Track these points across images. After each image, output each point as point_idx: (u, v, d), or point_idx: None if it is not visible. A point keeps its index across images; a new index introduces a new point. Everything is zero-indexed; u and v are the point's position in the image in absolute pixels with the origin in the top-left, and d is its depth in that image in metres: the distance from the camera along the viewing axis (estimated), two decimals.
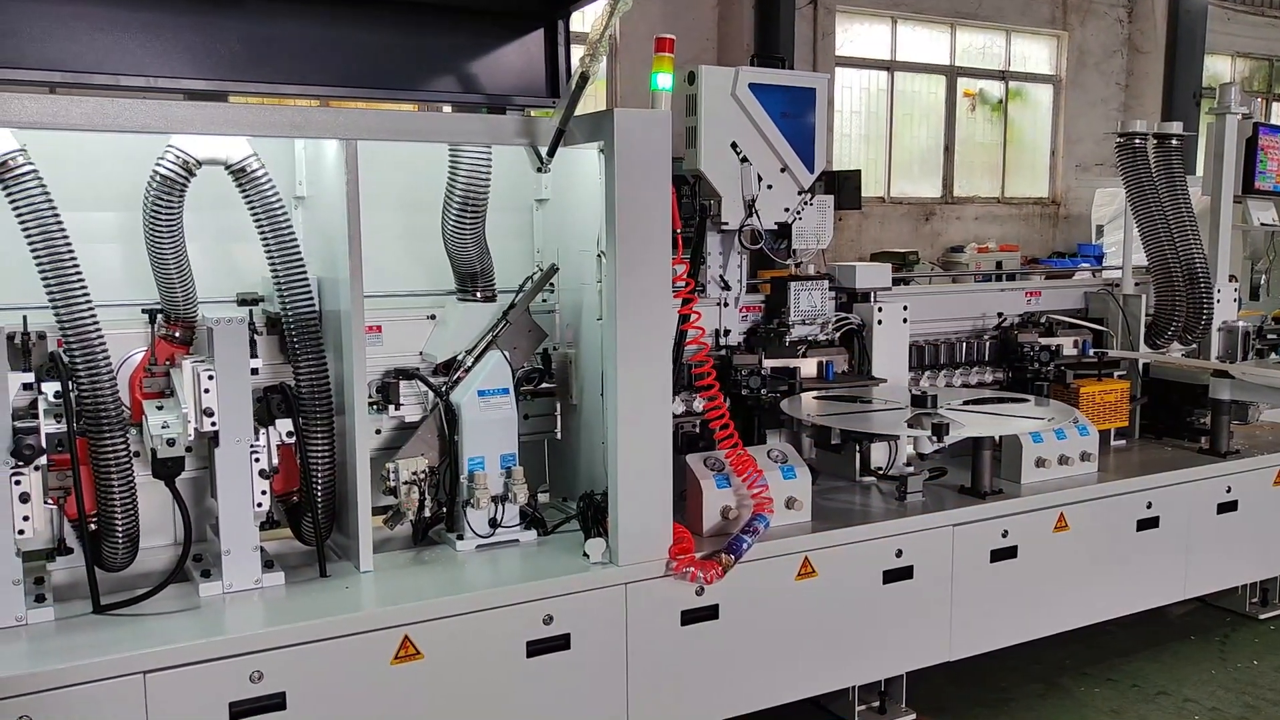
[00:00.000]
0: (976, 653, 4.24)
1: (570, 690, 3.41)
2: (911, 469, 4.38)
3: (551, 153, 3.47)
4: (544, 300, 4.09)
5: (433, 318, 3.95)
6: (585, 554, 3.51)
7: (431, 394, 3.75)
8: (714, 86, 4.11)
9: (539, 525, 3.81)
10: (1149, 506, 4.62)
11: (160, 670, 2.84)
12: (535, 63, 3.59)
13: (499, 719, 3.30)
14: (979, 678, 4.52)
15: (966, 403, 4.41)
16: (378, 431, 3.72)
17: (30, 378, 3.02)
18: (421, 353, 3.92)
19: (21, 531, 2.98)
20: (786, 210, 4.34)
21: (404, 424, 3.81)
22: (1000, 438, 4.38)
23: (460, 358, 3.81)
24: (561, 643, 3.38)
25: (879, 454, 4.47)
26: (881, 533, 3.97)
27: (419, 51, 3.45)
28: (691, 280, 3.72)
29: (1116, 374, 5.18)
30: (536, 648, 3.34)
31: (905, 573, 4.01)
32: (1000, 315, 5.20)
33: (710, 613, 3.63)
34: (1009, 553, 4.24)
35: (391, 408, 3.76)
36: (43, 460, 3.00)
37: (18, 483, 2.96)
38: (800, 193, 4.36)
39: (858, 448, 4.44)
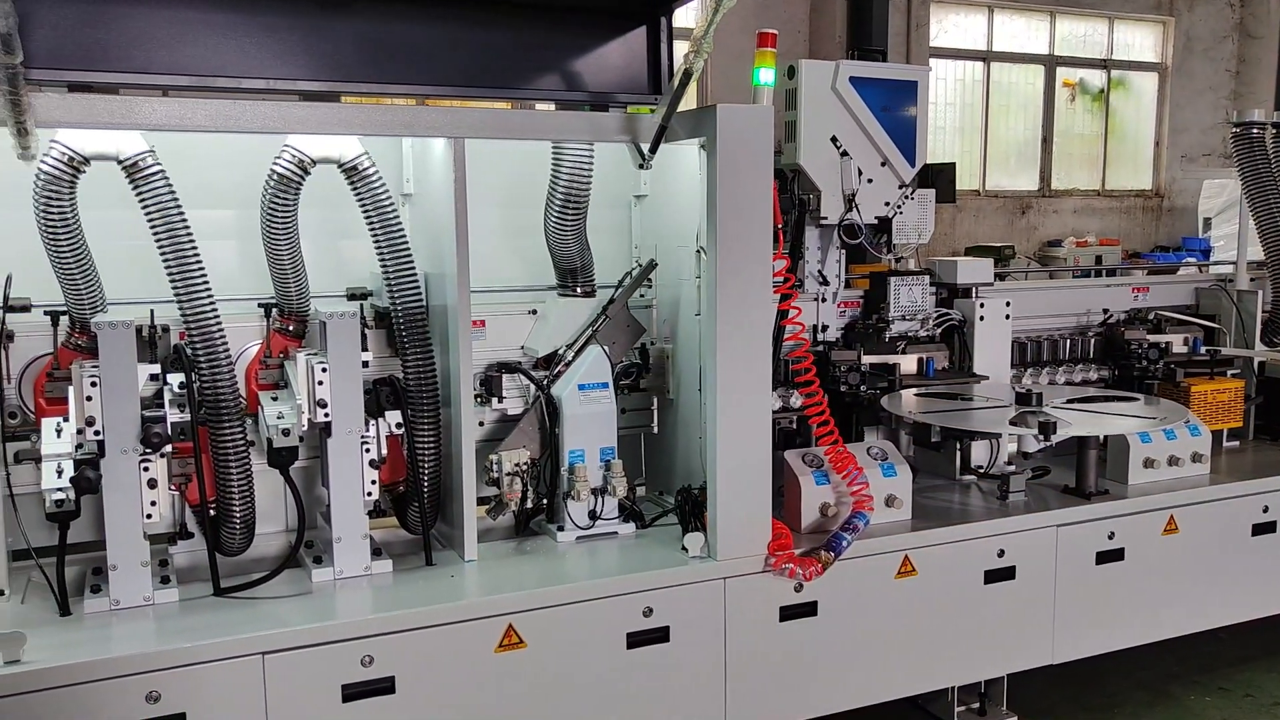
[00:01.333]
0: (1081, 656, 4.15)
1: (669, 682, 3.44)
2: (1013, 468, 4.30)
3: (654, 149, 3.49)
4: (641, 296, 4.12)
5: (533, 313, 4.01)
6: (684, 548, 3.53)
7: (533, 387, 3.81)
8: (814, 81, 4.08)
9: (637, 518, 3.85)
10: (1265, 510, 4.46)
11: (278, 652, 2.95)
12: (637, 60, 3.62)
13: (600, 708, 3.34)
14: (1083, 682, 4.43)
15: (1070, 401, 4.31)
16: (480, 424, 3.79)
17: (156, 369, 3.15)
18: (523, 347, 3.98)
19: (149, 515, 3.12)
20: (886, 204, 4.28)
21: (506, 416, 3.88)
22: (1105, 437, 4.28)
23: (561, 352, 3.86)
24: (661, 635, 3.41)
25: (979, 452, 4.41)
26: (983, 532, 3.90)
27: (523, 50, 3.50)
28: (792, 276, 3.71)
29: (1230, 373, 5.00)
30: (636, 639, 3.37)
31: (1007, 573, 3.94)
32: (1106, 311, 5.07)
33: (809, 609, 3.62)
34: (1115, 555, 4.14)
35: (494, 400, 3.83)
36: (168, 448, 3.13)
37: (146, 469, 3.09)
38: (900, 186, 4.30)
39: (958, 446, 4.38)
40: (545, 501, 3.78)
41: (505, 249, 4.05)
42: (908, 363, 4.40)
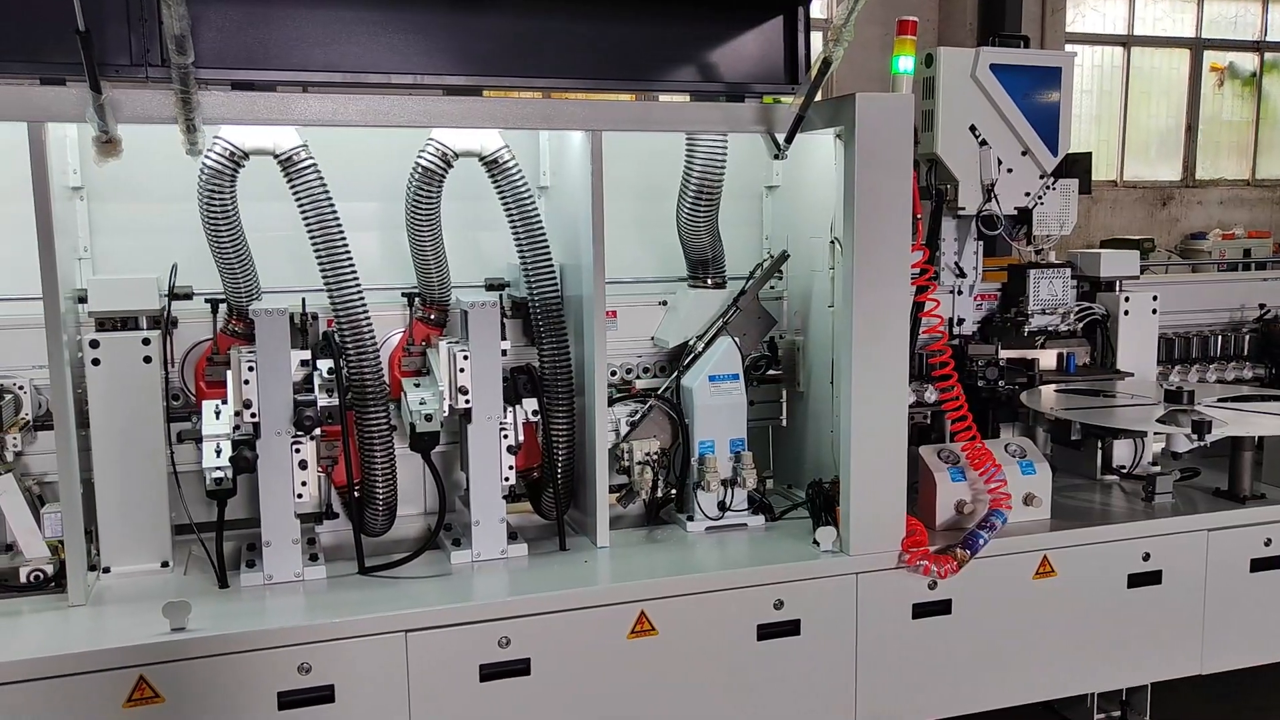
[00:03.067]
0: (1232, 668, 3.96)
1: (799, 675, 3.42)
2: (1159, 468, 4.13)
3: (790, 139, 3.47)
4: (772, 287, 4.10)
5: (664, 304, 4.04)
6: (815, 541, 3.50)
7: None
8: (953, 68, 3.99)
9: (766, 511, 3.83)
10: None
11: (420, 630, 3.04)
12: (774, 50, 3.59)
13: (730, 698, 3.35)
14: (1233, 694, 4.23)
15: (1223, 400, 4.11)
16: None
17: (307, 355, 3.29)
18: (653, 338, 4.01)
19: (300, 495, 3.26)
20: (1027, 195, 4.16)
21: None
22: (1260, 439, 4.07)
23: (691, 343, 3.88)
24: (792, 628, 3.39)
25: (1122, 451, 4.26)
26: (1127, 534, 3.76)
27: (659, 43, 3.51)
28: (930, 267, 3.64)
29: None
30: (767, 631, 3.37)
31: (1153, 577, 3.79)
32: (1262, 307, 4.81)
33: (943, 607, 3.55)
34: (1272, 563, 3.93)
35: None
36: (317, 431, 3.26)
37: (297, 451, 3.23)
38: (1041, 176, 4.17)
39: (1099, 444, 4.23)
40: (675, 491, 3.80)
41: (637, 240, 4.08)
42: (1047, 358, 4.28)
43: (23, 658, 2.76)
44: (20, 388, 3.32)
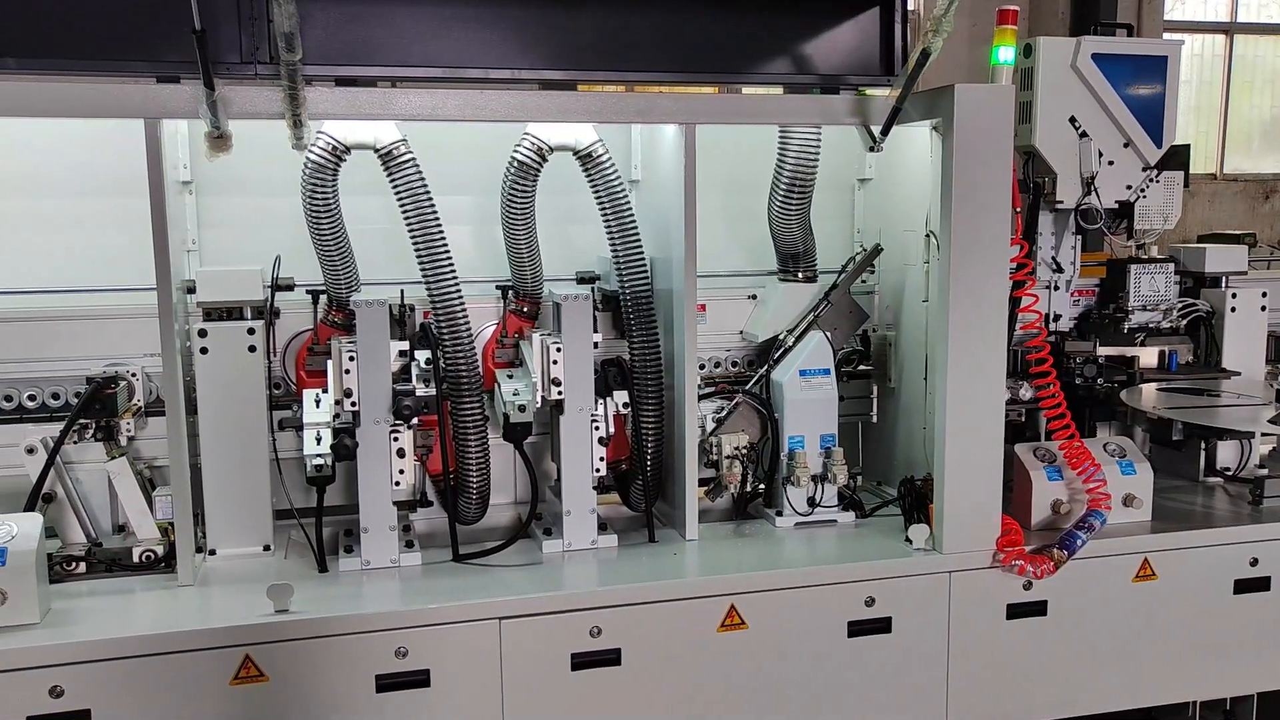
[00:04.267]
0: None
1: (890, 673, 3.39)
2: (1266, 471, 3.99)
3: (885, 131, 3.43)
4: (863, 281, 4.06)
5: (753, 298, 4.03)
6: (908, 539, 3.46)
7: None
8: (1053, 58, 3.89)
9: (856, 507, 3.80)
10: None
11: (513, 618, 3.08)
12: (869, 41, 3.55)
13: (820, 694, 3.33)
14: None
15: None
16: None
17: (405, 345, 3.35)
18: (742, 331, 4.00)
19: (397, 483, 3.33)
20: (1129, 188, 4.04)
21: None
22: None
23: (781, 337, 3.86)
24: (883, 625, 3.36)
25: (1227, 453, 4.13)
26: (1234, 538, 3.64)
27: (754, 35, 3.50)
28: (1029, 262, 3.56)
29: None
30: (858, 628, 3.34)
31: (1261, 584, 3.66)
32: None
33: (1038, 608, 3.49)
34: None
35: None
36: (415, 420, 3.32)
37: (395, 439, 3.30)
38: (1145, 169, 4.05)
39: (1202, 445, 4.10)
40: (763, 486, 3.79)
41: (726, 234, 4.08)
42: (1147, 355, 4.16)
43: (137, 634, 2.86)
44: (133, 375, 3.44)
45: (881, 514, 3.81)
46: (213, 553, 3.41)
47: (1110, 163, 4.00)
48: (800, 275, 3.91)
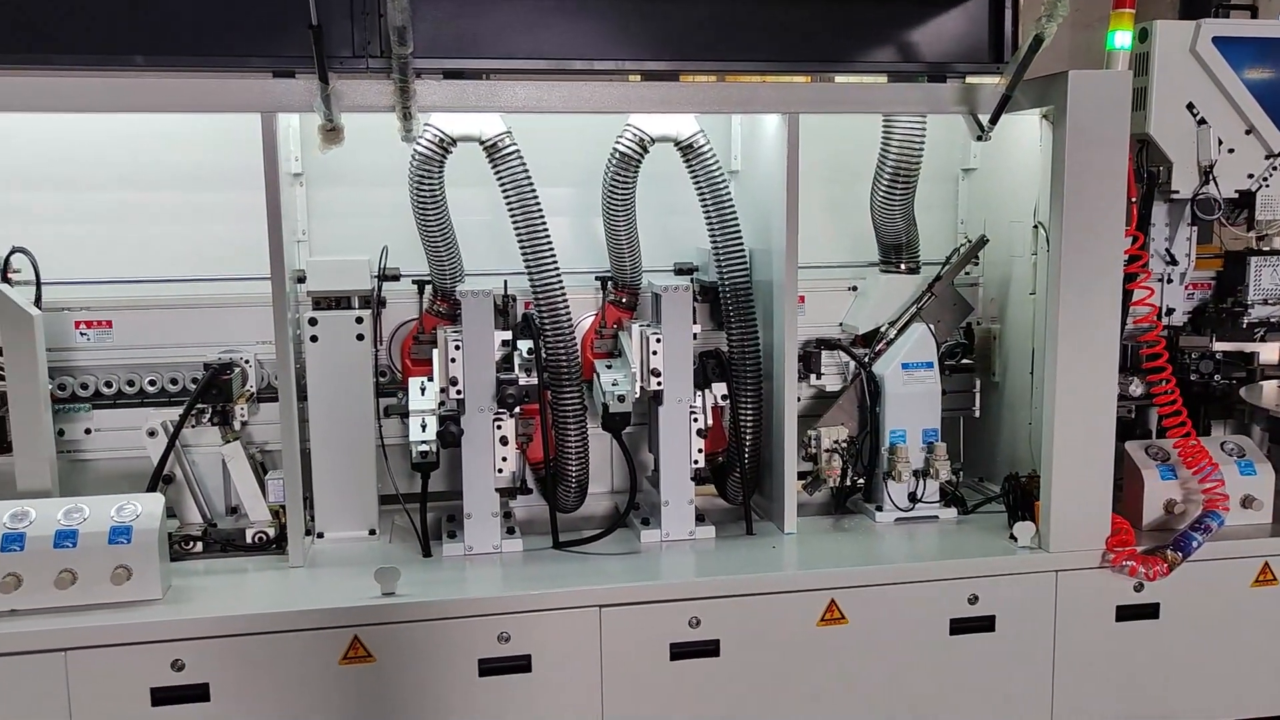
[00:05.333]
0: None
1: (994, 672, 3.32)
2: None
3: (994, 120, 3.35)
4: (967, 273, 3.98)
5: (853, 289, 3.98)
6: (1012, 537, 3.39)
7: (852, 364, 3.78)
8: (1170, 42, 3.74)
9: (959, 503, 3.73)
10: None
11: (613, 606, 3.10)
12: (978, 27, 3.47)
13: (921, 691, 3.29)
14: None
15: None
16: (798, 399, 3.80)
17: (508, 335, 3.39)
18: (841, 323, 3.96)
19: (499, 470, 3.37)
20: (1250, 177, 3.87)
21: (823, 393, 3.88)
22: None
23: (883, 329, 3.81)
24: (986, 624, 3.30)
25: None
26: None
27: (858, 23, 3.44)
28: (1144, 254, 3.45)
29: None
30: (960, 626, 3.28)
31: None
32: None
33: (1149, 611, 3.38)
34: None
35: (812, 377, 3.84)
36: (518, 408, 3.36)
37: (499, 427, 3.34)
38: (1268, 157, 3.88)
39: None
40: (862, 480, 3.75)
41: (826, 225, 4.04)
42: (1268, 351, 3.98)
43: (252, 612, 2.96)
44: (246, 362, 3.55)
45: (984, 511, 3.74)
46: (321, 535, 3.50)
47: (1230, 150, 3.84)
48: (903, 267, 3.85)
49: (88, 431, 3.55)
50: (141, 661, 2.87)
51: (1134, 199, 3.33)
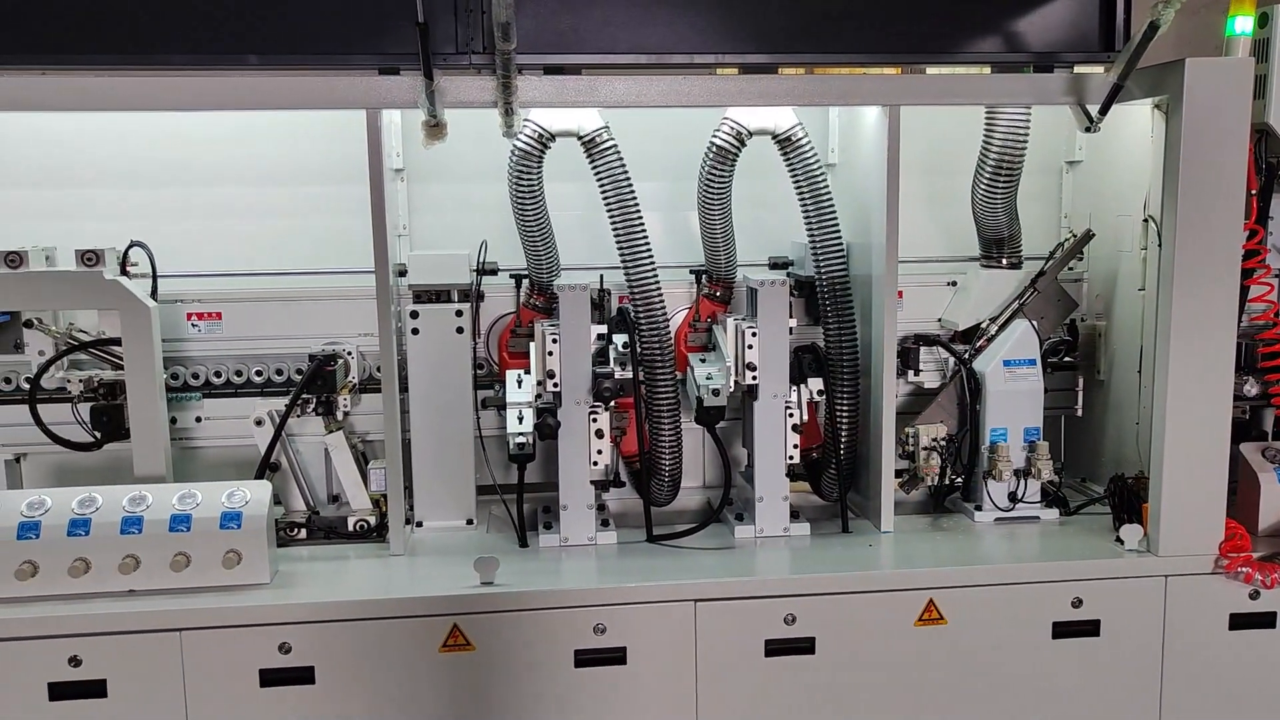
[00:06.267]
0: None
1: (1098, 679, 3.24)
2: None
3: (1104, 111, 3.25)
4: (1070, 268, 3.88)
5: (953, 284, 3.91)
6: (1119, 539, 3.30)
7: (952, 361, 3.72)
8: None
9: (1061, 504, 3.64)
10: None
11: (708, 600, 3.10)
12: (1087, 16, 3.36)
13: (1022, 694, 3.22)
14: None
15: None
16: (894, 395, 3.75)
17: (603, 329, 3.41)
18: (940, 319, 3.89)
19: (594, 463, 3.39)
20: None
21: (920, 390, 3.82)
22: None
23: (984, 325, 3.73)
24: (1090, 628, 3.21)
25: None
26: None
27: (961, 12, 3.36)
28: (1264, 249, 3.32)
29: None
30: (1063, 630, 3.20)
31: None
32: None
33: (1266, 620, 3.26)
34: None
35: (910, 373, 3.78)
36: (612, 401, 3.38)
37: (594, 420, 3.36)
38: None
39: None
40: (961, 479, 3.68)
41: (924, 218, 3.97)
42: None
43: (356, 598, 3.03)
44: (349, 353, 3.63)
45: (1087, 512, 3.64)
46: (420, 524, 3.57)
47: None
48: (1004, 261, 3.76)
49: (198, 420, 3.67)
50: (251, 643, 2.96)
51: (1253, 191, 3.20)
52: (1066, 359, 3.88)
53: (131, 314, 3.27)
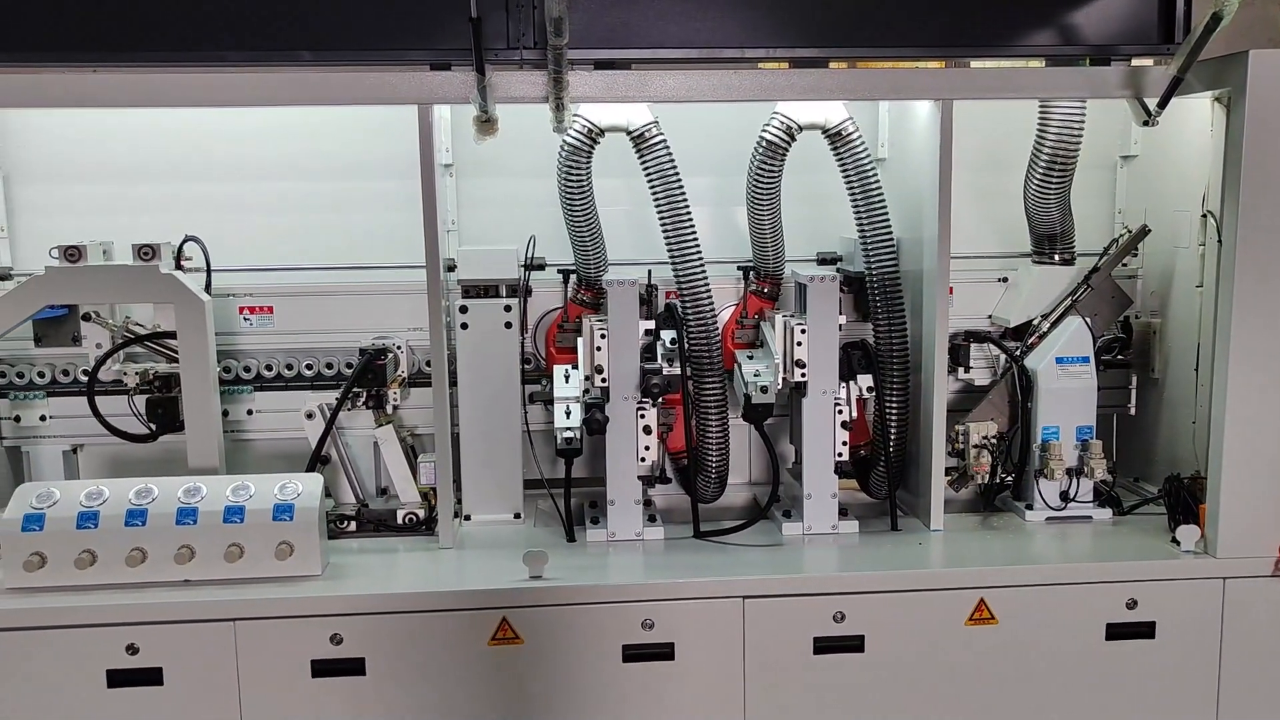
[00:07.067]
0: None
1: (1153, 681, 3.19)
2: None
3: (1163, 104, 3.19)
4: (1124, 265, 3.82)
5: (1003, 280, 3.86)
6: (1175, 540, 3.24)
7: (1003, 358, 3.67)
8: None
9: (1114, 504, 3.59)
10: None
11: (756, 597, 3.09)
12: (1146, 7, 3.30)
13: (1074, 696, 3.18)
14: None
15: None
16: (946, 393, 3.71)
17: (651, 324, 3.40)
18: (990, 316, 3.85)
19: (642, 459, 3.39)
20: None
21: (970, 387, 3.78)
22: None
23: (1035, 322, 3.68)
24: (1145, 630, 3.16)
25: None
26: None
27: (1015, 5, 3.33)
28: None
29: None
30: (1117, 631, 3.16)
31: None
32: None
33: None
34: None
35: (960, 370, 3.74)
36: (660, 398, 3.37)
37: (642, 416, 3.36)
38: None
39: None
40: (1011, 477, 3.64)
41: (975, 214, 3.92)
42: None
43: (406, 591, 3.05)
44: (398, 347, 3.65)
45: (1141, 512, 3.59)
46: (468, 518, 3.59)
47: None
48: (1057, 257, 3.71)
49: (249, 413, 3.71)
50: (303, 634, 2.99)
51: None
52: (1119, 357, 3.82)
53: (186, 308, 3.31)
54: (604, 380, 3.34)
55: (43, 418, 3.63)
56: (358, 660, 3.01)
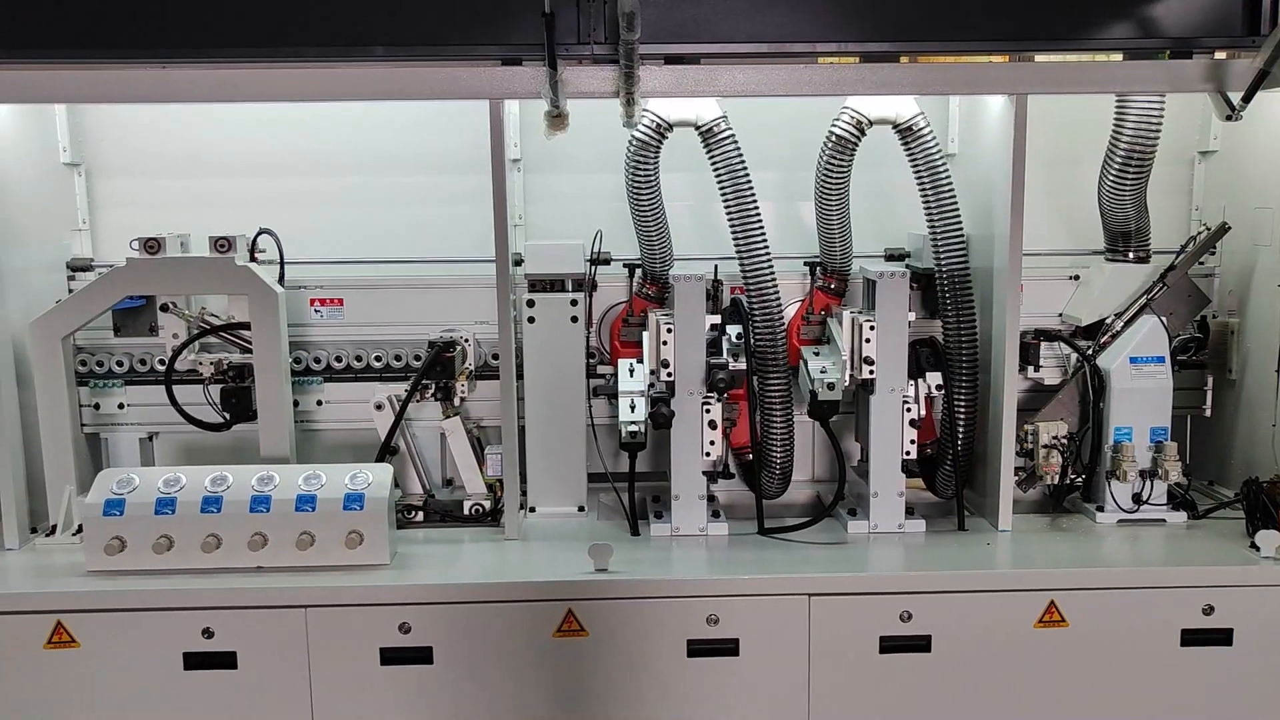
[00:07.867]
0: None
1: (1230, 690, 3.12)
2: None
3: (1247, 99, 3.12)
4: (1201, 263, 3.73)
5: (1075, 278, 3.79)
6: (1254, 545, 3.17)
7: (1074, 357, 3.61)
8: None
9: (1188, 507, 3.52)
10: None
11: (822, 595, 3.07)
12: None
13: (1147, 702, 3.12)
14: None
15: None
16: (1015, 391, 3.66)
17: (716, 319, 3.40)
18: (1061, 314, 3.79)
19: (706, 454, 3.39)
20: None
21: (1040, 386, 3.73)
22: None
23: (1108, 321, 3.61)
24: (1223, 638, 3.10)
25: None
26: None
27: None
28: None
29: None
30: (1193, 638, 3.10)
31: None
32: None
33: None
34: None
35: (1030, 369, 3.69)
36: (725, 393, 3.37)
37: (707, 411, 3.36)
38: None
39: None
40: (1081, 478, 3.58)
41: (1046, 210, 3.87)
42: None
43: (474, 581, 3.08)
44: (465, 340, 3.68)
45: (1217, 516, 3.51)
46: (533, 510, 3.62)
47: None
48: (1131, 255, 3.64)
49: (319, 403, 3.77)
50: (372, 622, 3.03)
51: None
52: (1194, 357, 3.74)
53: (260, 299, 3.37)
54: (669, 375, 3.34)
55: (121, 406, 3.72)
56: (425, 649, 3.04)
